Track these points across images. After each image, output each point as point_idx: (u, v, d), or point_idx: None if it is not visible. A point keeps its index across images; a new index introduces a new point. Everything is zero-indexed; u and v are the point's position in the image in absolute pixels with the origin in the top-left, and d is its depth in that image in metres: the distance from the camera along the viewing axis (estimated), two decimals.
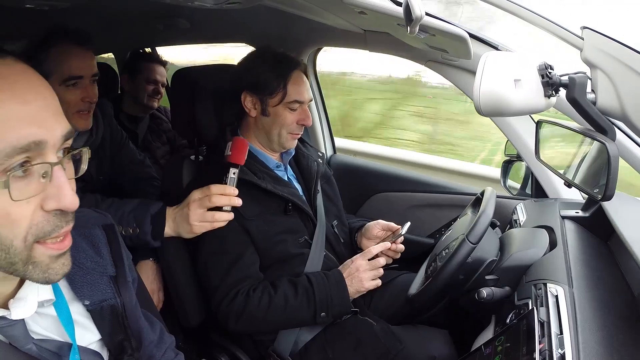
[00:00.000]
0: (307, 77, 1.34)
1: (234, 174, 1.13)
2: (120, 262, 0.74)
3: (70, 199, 0.52)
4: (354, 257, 1.28)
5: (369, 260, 1.27)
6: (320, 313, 1.21)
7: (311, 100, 1.35)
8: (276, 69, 1.27)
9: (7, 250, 0.51)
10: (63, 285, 0.66)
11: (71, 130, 0.55)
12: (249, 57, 1.34)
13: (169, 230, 1.15)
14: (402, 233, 1.34)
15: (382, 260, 1.27)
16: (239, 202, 1.11)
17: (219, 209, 1.11)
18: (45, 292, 0.61)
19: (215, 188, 1.10)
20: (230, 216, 1.13)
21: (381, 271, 1.27)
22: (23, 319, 0.59)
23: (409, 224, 1.36)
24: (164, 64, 2.26)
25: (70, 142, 0.56)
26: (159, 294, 1.35)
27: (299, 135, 1.34)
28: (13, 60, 0.52)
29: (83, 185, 1.47)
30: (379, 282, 1.27)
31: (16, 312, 0.57)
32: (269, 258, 1.26)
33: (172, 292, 1.36)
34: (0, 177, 0.48)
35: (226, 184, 1.12)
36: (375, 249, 1.28)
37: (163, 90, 2.24)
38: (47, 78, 1.26)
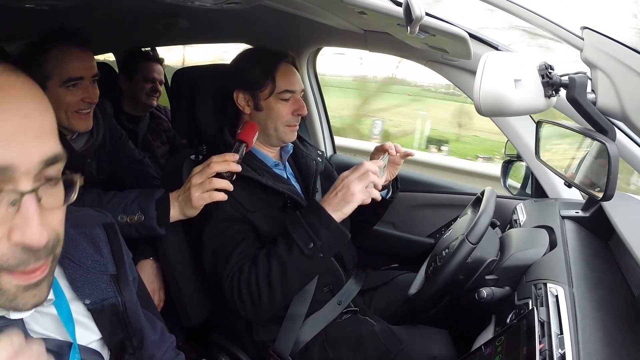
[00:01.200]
0: (297, 69, 1.34)
1: (239, 146, 1.15)
2: (121, 261, 0.74)
3: (35, 235, 0.46)
4: (342, 174, 1.17)
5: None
6: (308, 246, 1.10)
7: (303, 91, 1.35)
8: (263, 63, 1.29)
9: None
10: (63, 285, 0.66)
11: (56, 155, 0.50)
12: (238, 56, 1.36)
13: (174, 213, 1.14)
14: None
15: (374, 177, 1.14)
16: (237, 167, 1.11)
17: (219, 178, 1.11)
18: None
19: (216, 157, 1.10)
20: (229, 185, 1.11)
21: (372, 186, 1.14)
22: (22, 319, 0.58)
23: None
24: (160, 62, 2.26)
25: (58, 166, 0.50)
26: (159, 293, 1.35)
27: (297, 127, 1.33)
28: (1, 69, 0.48)
29: (83, 185, 1.47)
30: (370, 197, 1.14)
31: (15, 311, 0.57)
32: None
33: (172, 292, 1.36)
34: None
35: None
36: (367, 165, 1.15)
37: (162, 88, 2.24)
38: (47, 80, 1.23)
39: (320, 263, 1.14)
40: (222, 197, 1.11)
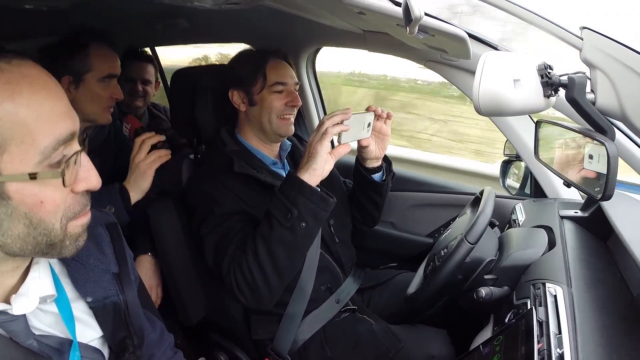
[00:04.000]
0: (290, 65, 1.36)
1: (141, 132, 1.32)
2: (123, 260, 0.75)
3: (97, 179, 0.60)
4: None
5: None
6: (286, 217, 1.08)
7: (297, 84, 1.36)
8: (253, 60, 1.33)
9: (48, 234, 0.56)
10: (66, 283, 0.67)
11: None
12: (232, 58, 1.40)
13: (134, 195, 1.25)
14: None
15: (330, 121, 1.12)
16: (162, 137, 1.27)
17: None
18: (47, 287, 0.62)
19: (143, 136, 1.27)
20: (166, 151, 1.27)
21: (330, 132, 1.11)
22: (24, 315, 0.59)
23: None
24: (149, 60, 2.17)
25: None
26: (157, 289, 1.35)
27: (291, 118, 1.33)
28: (32, 63, 0.56)
29: None
30: (328, 139, 1.11)
31: (18, 307, 0.57)
32: None
33: (171, 290, 1.36)
34: (54, 168, 0.54)
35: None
36: (326, 123, 1.13)
37: (151, 89, 2.17)
38: (86, 73, 1.36)
39: (305, 235, 1.11)
40: (167, 155, 1.26)
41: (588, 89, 0.81)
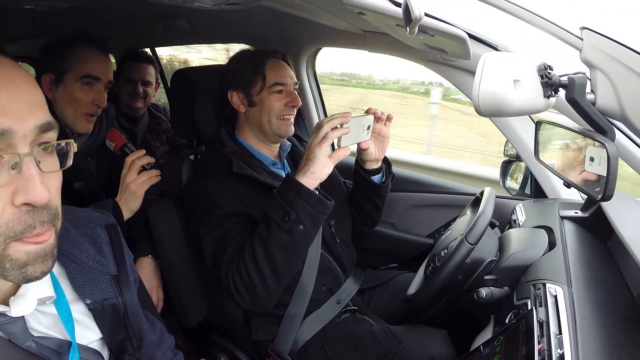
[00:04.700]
0: (289, 65, 1.36)
1: (128, 148, 1.33)
2: (122, 262, 0.75)
3: (39, 193, 0.49)
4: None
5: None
6: (284, 220, 1.08)
7: (297, 84, 1.35)
8: (252, 61, 1.32)
9: None
10: (64, 284, 0.67)
11: (49, 122, 0.53)
12: (230, 59, 1.39)
13: (125, 213, 1.25)
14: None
15: (329, 125, 1.12)
16: (152, 159, 1.26)
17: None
18: (45, 289, 0.62)
19: (132, 156, 1.26)
20: (156, 171, 1.26)
21: (329, 136, 1.11)
22: (23, 317, 0.59)
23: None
24: (150, 61, 2.16)
25: (51, 134, 0.54)
26: (158, 291, 1.35)
27: (291, 118, 1.33)
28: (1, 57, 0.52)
29: (84, 184, 1.48)
30: (327, 143, 1.11)
31: (16, 309, 0.57)
32: None
33: (171, 292, 1.36)
34: None
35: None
36: (325, 127, 1.12)
37: (152, 90, 2.17)
38: (67, 72, 1.32)
39: (303, 237, 1.11)
40: (157, 177, 1.25)
41: (588, 89, 0.81)
